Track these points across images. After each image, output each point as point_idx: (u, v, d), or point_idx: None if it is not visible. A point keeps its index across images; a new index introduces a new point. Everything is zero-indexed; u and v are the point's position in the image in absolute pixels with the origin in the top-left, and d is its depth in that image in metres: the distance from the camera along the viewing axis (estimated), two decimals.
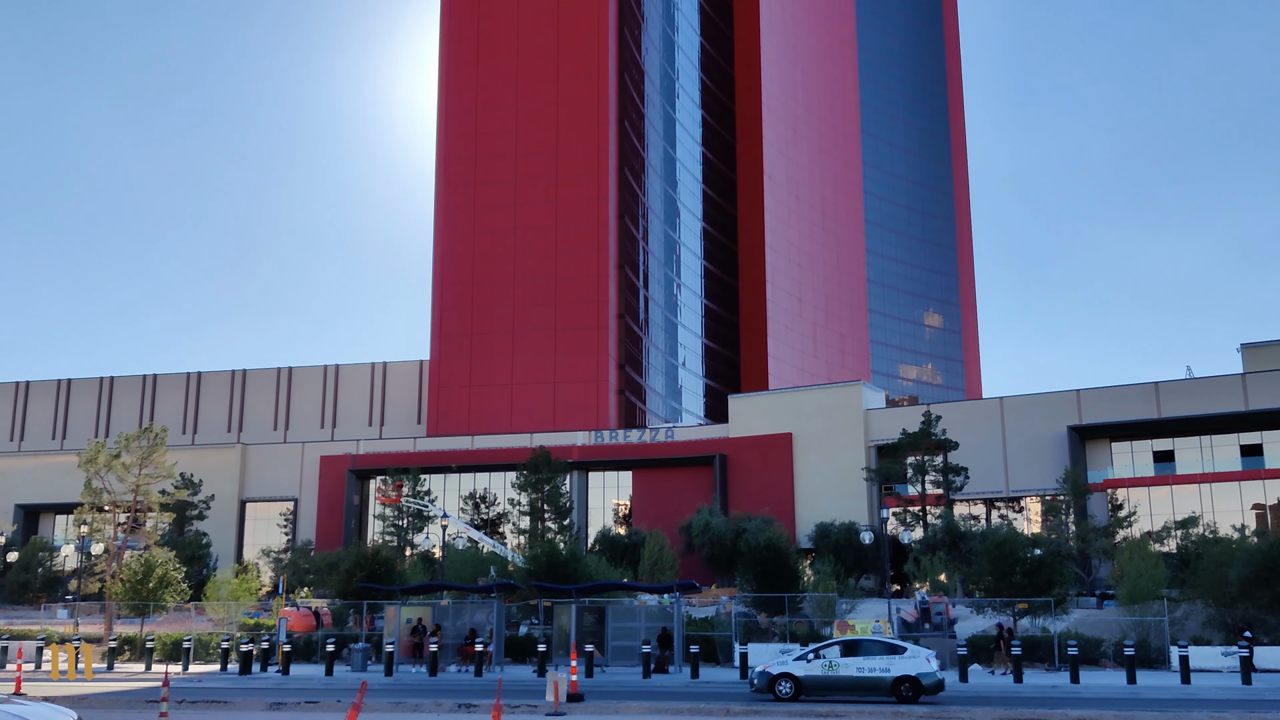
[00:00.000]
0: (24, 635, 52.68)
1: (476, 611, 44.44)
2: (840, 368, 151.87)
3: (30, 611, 75.47)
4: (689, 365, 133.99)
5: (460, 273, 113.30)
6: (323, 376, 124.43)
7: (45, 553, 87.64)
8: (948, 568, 61.49)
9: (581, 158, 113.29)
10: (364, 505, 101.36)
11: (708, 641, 42.91)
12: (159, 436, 61.19)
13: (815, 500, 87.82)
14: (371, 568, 54.38)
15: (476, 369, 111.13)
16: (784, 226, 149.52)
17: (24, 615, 72.57)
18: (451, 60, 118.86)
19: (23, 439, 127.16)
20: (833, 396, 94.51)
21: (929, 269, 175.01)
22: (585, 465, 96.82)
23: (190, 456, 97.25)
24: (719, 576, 77.84)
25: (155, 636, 46.52)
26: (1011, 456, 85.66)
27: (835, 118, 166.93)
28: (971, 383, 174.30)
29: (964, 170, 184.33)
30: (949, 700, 28.42)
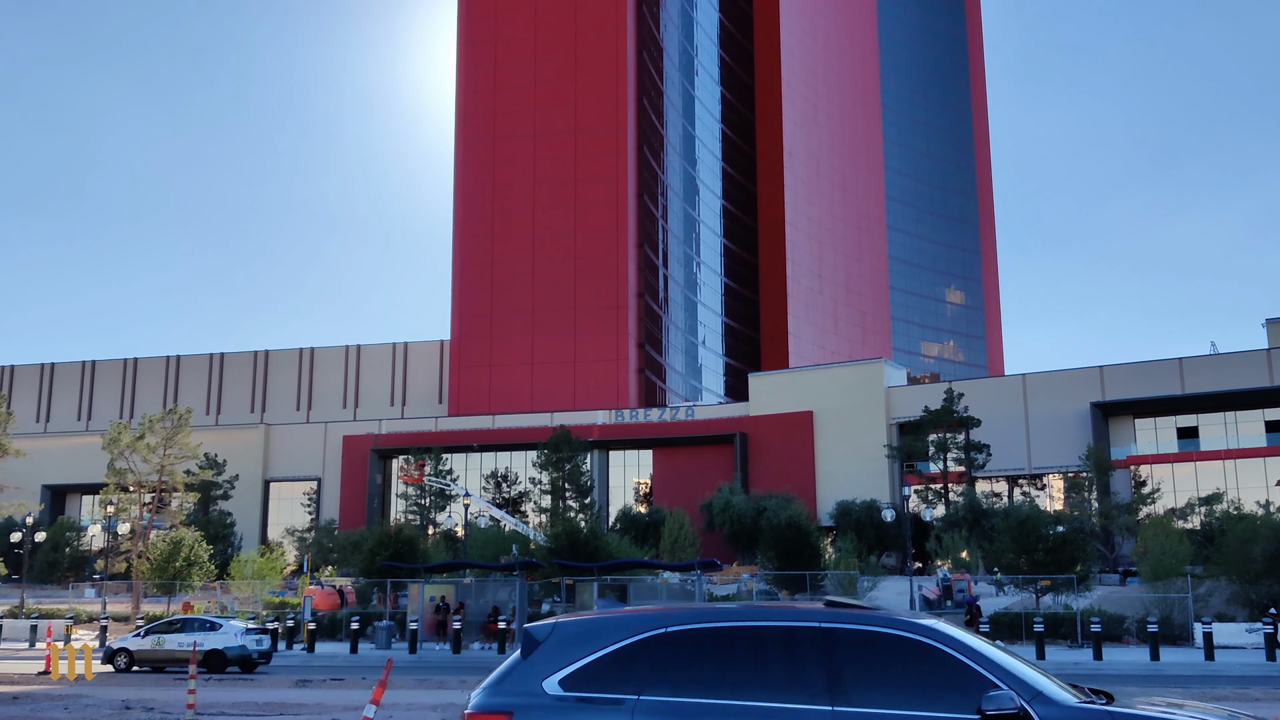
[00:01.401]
0: (53, 614, 53.40)
1: (499, 589, 44.72)
2: (861, 345, 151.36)
3: (59, 591, 76.37)
4: (709, 344, 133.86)
5: (480, 252, 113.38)
6: (344, 357, 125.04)
7: (72, 533, 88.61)
8: (970, 545, 61.48)
9: (600, 136, 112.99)
10: (386, 484, 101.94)
11: None
12: (183, 417, 61.65)
13: (836, 478, 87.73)
14: (395, 546, 54.79)
15: (497, 348, 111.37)
16: (804, 203, 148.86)
17: (53, 594, 73.45)
18: (470, 41, 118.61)
19: (49, 420, 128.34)
20: (854, 374, 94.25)
21: (950, 245, 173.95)
22: (606, 444, 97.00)
23: (214, 437, 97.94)
24: (740, 554, 77.98)
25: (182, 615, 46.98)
26: (1034, 433, 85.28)
27: (855, 93, 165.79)
28: (994, 359, 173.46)
29: (985, 145, 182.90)
30: None
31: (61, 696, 23.55)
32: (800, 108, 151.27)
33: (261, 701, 22.47)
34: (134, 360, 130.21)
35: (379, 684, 10.93)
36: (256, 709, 20.99)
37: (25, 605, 58.04)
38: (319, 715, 19.62)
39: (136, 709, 20.87)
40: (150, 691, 25.17)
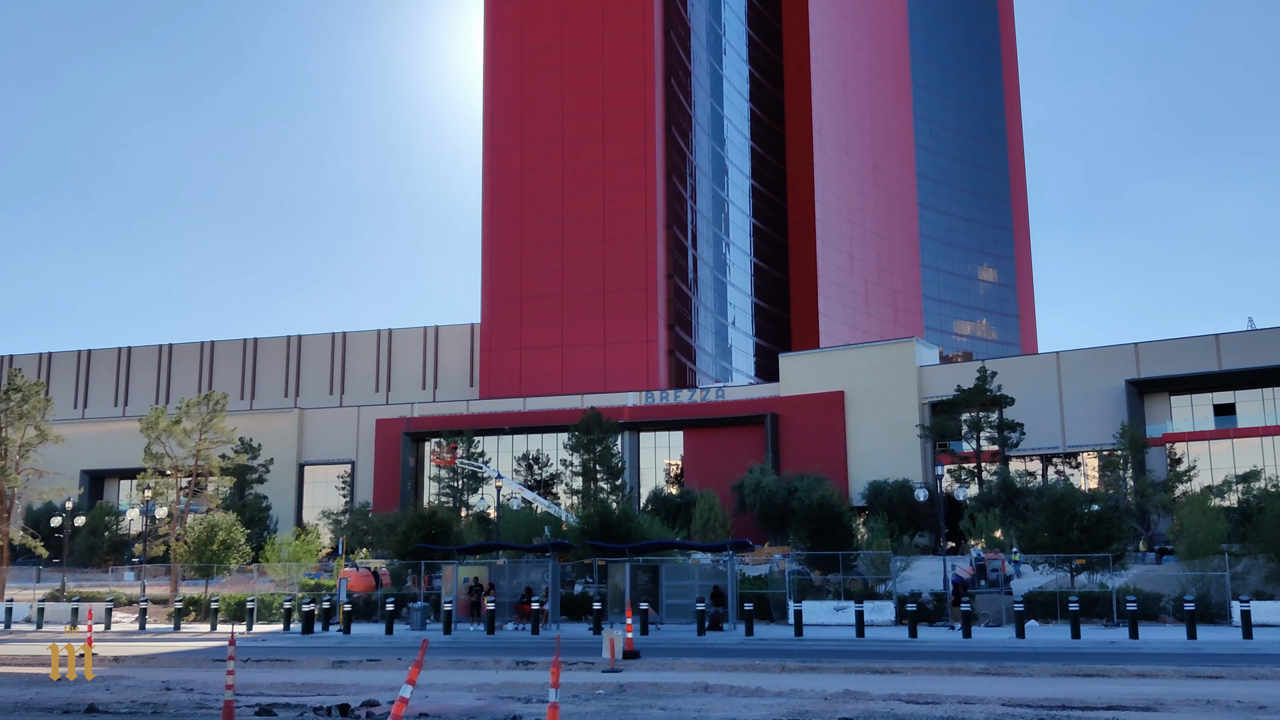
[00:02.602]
0: (93, 597, 54.15)
1: (531, 570, 44.91)
2: (893, 324, 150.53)
3: (98, 574, 77.42)
4: (739, 324, 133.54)
5: (509, 236, 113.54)
6: (376, 341, 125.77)
7: (111, 517, 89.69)
8: (1004, 524, 61.11)
9: (628, 117, 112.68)
10: (419, 467, 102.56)
11: (761, 599, 43.04)
12: (219, 402, 62.17)
13: (868, 458, 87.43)
14: (429, 528, 55.12)
15: (527, 331, 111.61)
16: (834, 182, 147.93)
17: (93, 578, 74.49)
18: (497, 24, 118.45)
19: (86, 406, 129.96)
20: (885, 353, 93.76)
21: (983, 222, 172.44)
22: (636, 426, 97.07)
23: (249, 421, 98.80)
24: (771, 535, 77.95)
25: (219, 597, 47.55)
26: (1068, 412, 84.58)
27: (885, 70, 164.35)
28: (1027, 338, 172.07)
29: (1017, 121, 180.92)
30: (1005, 655, 28.31)
31: (103, 678, 23.90)
32: (829, 85, 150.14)
33: (299, 682, 22.72)
34: (169, 346, 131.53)
35: (415, 664, 11.02)
36: (294, 689, 21.22)
37: (66, 589, 58.88)
38: (356, 695, 19.82)
39: (176, 689, 21.16)
40: (189, 673, 25.51)
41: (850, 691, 19.74)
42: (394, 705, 10.78)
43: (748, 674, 24.00)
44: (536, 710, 17.57)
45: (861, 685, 21.11)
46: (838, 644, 33.49)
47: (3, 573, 60.94)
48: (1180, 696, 19.10)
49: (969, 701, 18.35)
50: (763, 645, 33.38)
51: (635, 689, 20.65)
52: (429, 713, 17.30)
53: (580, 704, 18.38)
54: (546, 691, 20.03)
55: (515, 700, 19.09)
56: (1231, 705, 18.02)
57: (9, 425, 62.41)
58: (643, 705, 18.23)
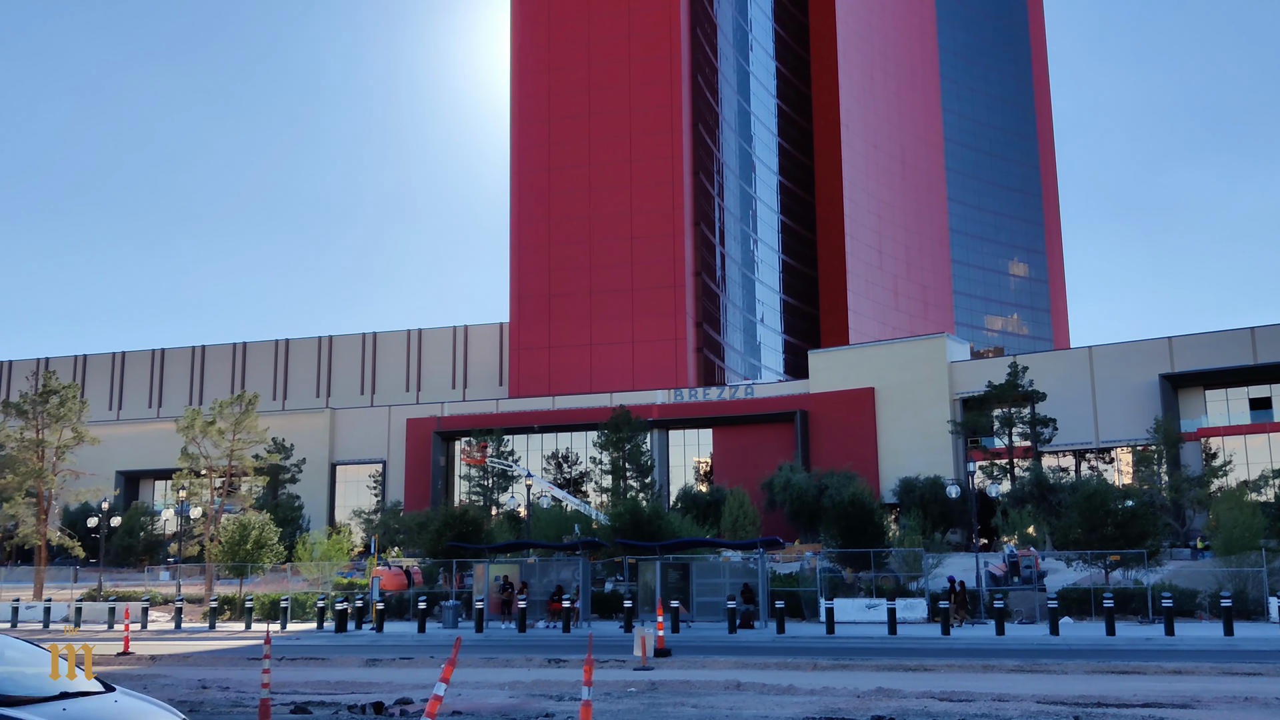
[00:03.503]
0: (130, 597, 54.75)
1: (562, 569, 45.04)
2: (923, 320, 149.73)
3: (134, 574, 78.34)
4: (767, 321, 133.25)
5: (537, 235, 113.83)
6: (406, 341, 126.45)
7: (146, 517, 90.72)
8: (1036, 521, 60.74)
9: (654, 115, 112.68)
10: (450, 466, 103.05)
11: (793, 597, 42.97)
12: (251, 403, 62.72)
13: (899, 455, 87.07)
14: (460, 527, 55.38)
15: (555, 330, 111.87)
16: (862, 177, 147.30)
17: (129, 577, 75.37)
18: (523, 22, 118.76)
19: (121, 407, 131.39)
20: (916, 349, 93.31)
21: (1013, 216, 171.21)
22: (665, 424, 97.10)
23: (281, 421, 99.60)
24: (802, 533, 77.79)
25: (254, 596, 47.96)
26: (1101, 407, 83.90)
27: (914, 64, 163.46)
28: (1059, 332, 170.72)
29: (1048, 114, 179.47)
30: (1039, 652, 28.13)
31: (140, 676, 24.17)
32: (857, 80, 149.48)
33: (333, 680, 22.89)
34: (202, 348, 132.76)
35: (448, 662, 11.07)
36: (329, 688, 21.38)
37: (103, 588, 59.58)
38: (390, 694, 19.94)
39: (213, 688, 21.37)
40: (225, 671, 25.76)
41: (883, 689, 19.68)
42: (428, 703, 10.85)
43: (779, 672, 23.96)
44: (569, 708, 17.63)
45: (894, 683, 21.04)
46: (870, 642, 33.38)
47: (41, 573, 61.80)
48: (1217, 694, 18.92)
49: (1003, 699, 18.25)
50: (794, 643, 33.33)
51: (667, 687, 20.67)
52: (462, 710, 17.39)
53: (612, 702, 18.42)
54: (578, 689, 20.09)
55: (547, 698, 19.15)
56: (1270, 702, 17.83)
57: (46, 427, 63.27)
58: (675, 703, 18.25)
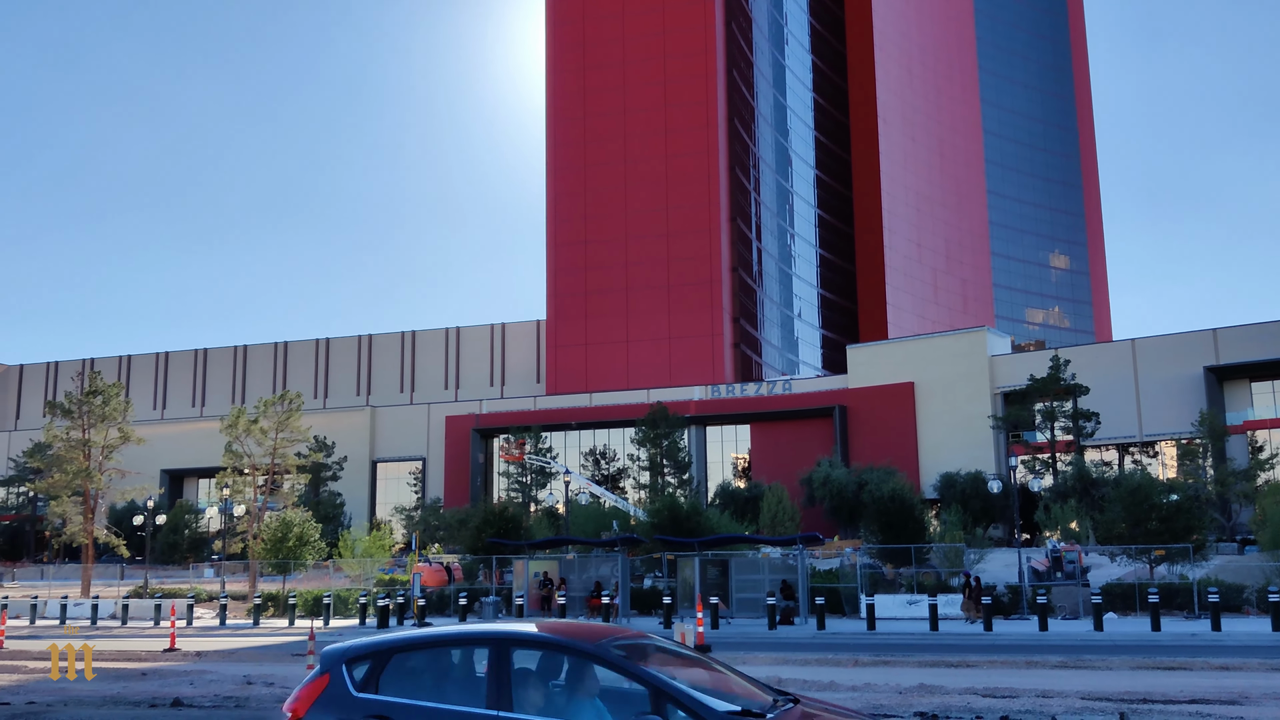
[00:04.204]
0: (175, 594, 55.45)
1: (601, 565, 45.14)
2: (963, 314, 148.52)
3: (179, 571, 79.34)
4: (805, 316, 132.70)
5: (573, 232, 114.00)
6: (445, 339, 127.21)
7: (191, 515, 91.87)
8: (1079, 515, 60.12)
9: (690, 110, 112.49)
10: (488, 463, 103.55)
11: (833, 593, 42.81)
12: (294, 401, 63.31)
13: (939, 450, 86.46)
14: (500, 524, 55.67)
15: (592, 327, 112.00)
16: (900, 170, 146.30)
17: (174, 575, 76.34)
18: (557, 21, 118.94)
19: (165, 407, 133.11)
20: (956, 343, 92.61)
21: (1054, 208, 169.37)
22: (702, 420, 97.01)
23: (322, 420, 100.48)
24: (842, 528, 77.46)
25: (297, 593, 48.44)
26: (1145, 400, 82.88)
27: (951, 55, 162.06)
28: (1101, 325, 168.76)
29: (1088, 104, 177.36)
30: (1083, 648, 27.85)
31: (186, 672, 24.50)
32: (894, 73, 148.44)
33: None
34: (244, 347, 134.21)
35: None
36: None
37: (149, 585, 60.40)
38: None
39: (258, 684, 21.61)
40: (270, 667, 26.04)
41: (925, 685, 19.57)
42: None
43: (820, 668, 23.89)
44: None
45: (936, 679, 20.91)
46: (911, 637, 33.20)
47: (88, 570, 62.76)
48: (1266, 690, 18.65)
49: (1047, 695, 18.09)
50: (835, 639, 33.21)
51: None
52: None
53: None
54: None
55: None
56: None
57: (92, 427, 64.24)
58: None
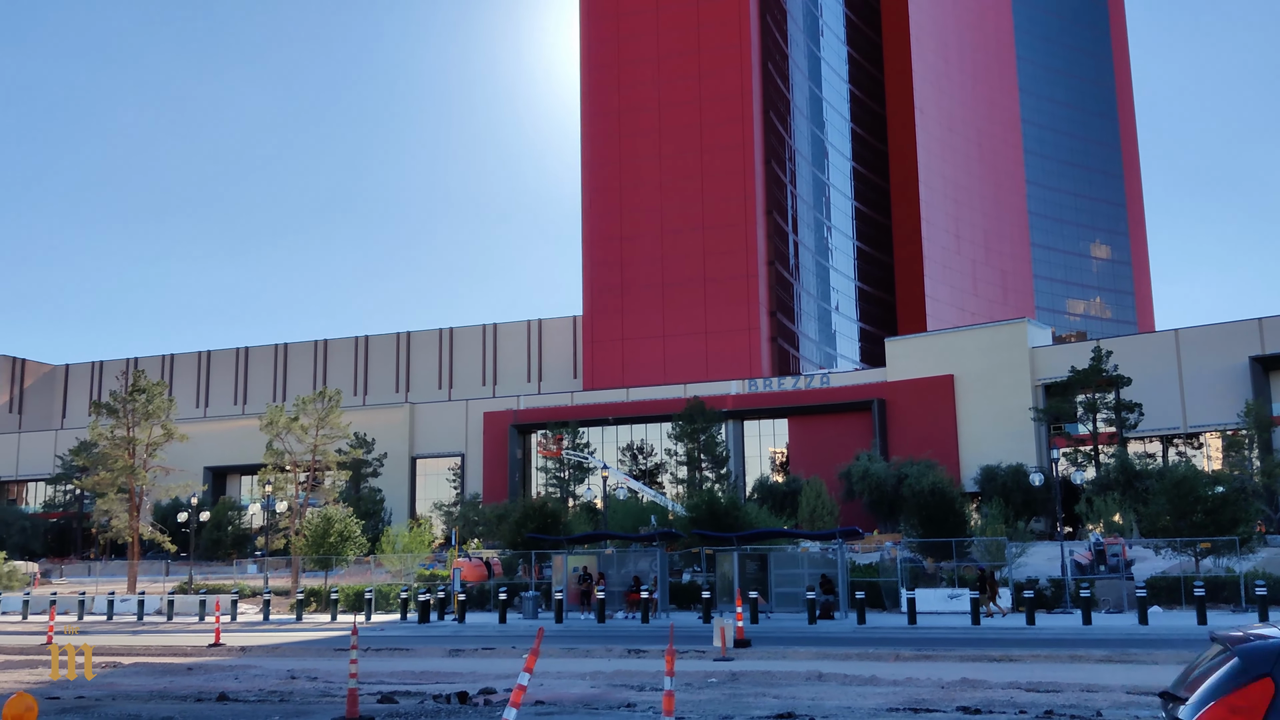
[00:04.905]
0: (219, 589, 56.09)
1: (639, 559, 45.16)
2: (1002, 305, 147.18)
3: (223, 567, 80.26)
4: (842, 309, 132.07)
5: (608, 228, 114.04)
6: (482, 335, 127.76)
7: (233, 511, 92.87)
8: (1123, 508, 59.48)
9: (725, 104, 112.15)
10: (526, 458, 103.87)
11: (873, 588, 42.60)
12: (334, 399, 63.86)
13: (980, 443, 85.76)
14: (538, 519, 55.86)
15: (628, 322, 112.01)
16: (937, 161, 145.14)
17: (218, 571, 77.25)
18: (592, 17, 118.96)
19: (207, 405, 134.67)
20: (995, 335, 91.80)
21: (1094, 198, 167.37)
22: (740, 414, 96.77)
23: (362, 416, 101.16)
24: (881, 522, 77.05)
25: (338, 588, 48.85)
26: (1189, 391, 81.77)
27: (989, 45, 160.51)
28: (1143, 315, 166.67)
29: (1128, 92, 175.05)
30: (1128, 642, 27.54)
31: (231, 667, 24.79)
32: (930, 63, 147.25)
33: (418, 671, 23.23)
34: (284, 345, 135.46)
35: (531, 653, 11.17)
36: (413, 678, 21.71)
37: (193, 581, 61.17)
38: (473, 683, 20.19)
39: (301, 678, 21.83)
40: (313, 662, 26.28)
41: (968, 680, 19.42)
42: (512, 693, 10.95)
43: (861, 662, 23.78)
44: (650, 698, 17.67)
45: (979, 673, 20.75)
46: (952, 632, 32.98)
47: (134, 567, 63.64)
48: None
49: (1091, 689, 17.91)
50: (875, 634, 33.06)
51: (748, 677, 20.62)
52: (545, 700, 17.54)
53: (693, 692, 18.43)
54: (659, 679, 20.13)
55: (629, 688, 19.22)
56: None
57: (136, 425, 65.10)
58: (756, 693, 18.20)
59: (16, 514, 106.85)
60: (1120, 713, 15.32)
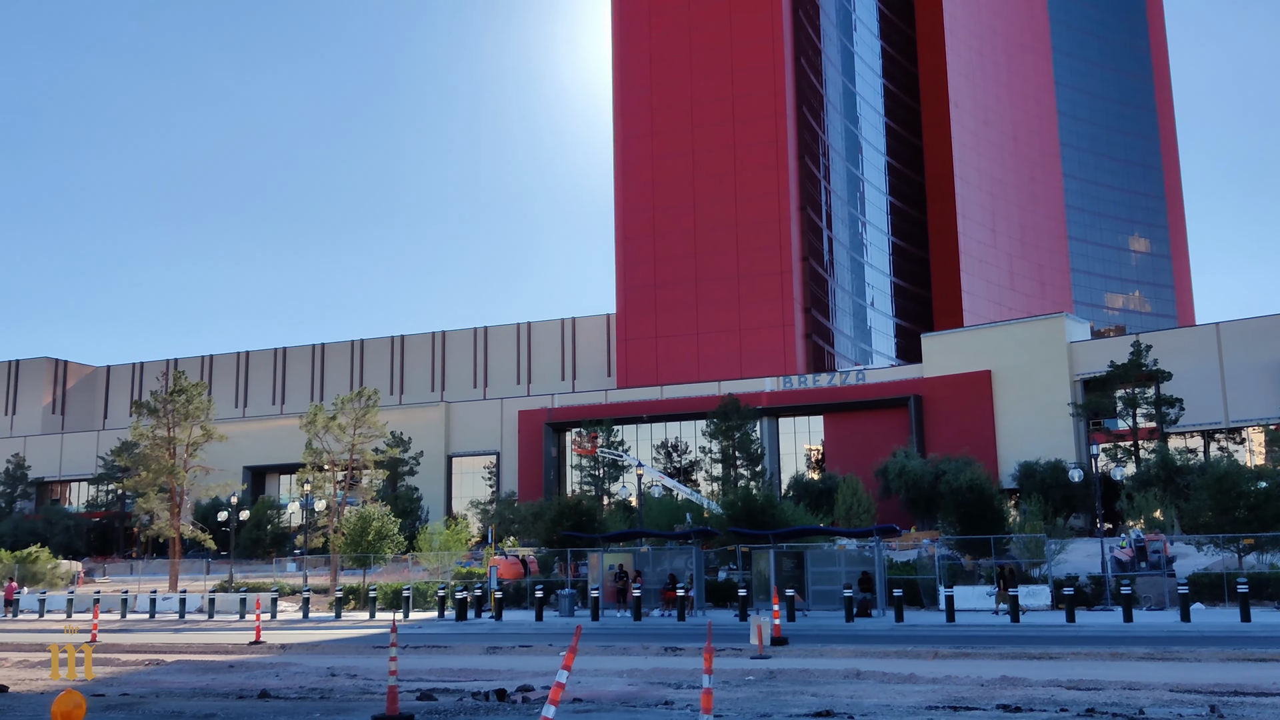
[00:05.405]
0: (259, 588, 56.61)
1: (675, 557, 45.11)
2: (1040, 300, 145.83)
3: (263, 565, 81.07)
4: (878, 305, 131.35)
5: (641, 225, 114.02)
6: (516, 334, 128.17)
7: (272, 510, 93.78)
8: (1164, 504, 58.79)
9: (758, 100, 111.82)
10: (561, 456, 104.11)
11: (910, 585, 42.32)
12: (371, 398, 64.22)
13: (1018, 439, 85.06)
14: (574, 517, 55.97)
15: (662, 320, 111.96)
16: (973, 155, 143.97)
17: (257, 569, 78.04)
18: (624, 14, 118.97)
19: (246, 405, 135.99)
20: (1033, 330, 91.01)
21: (1132, 191, 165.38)
22: (774, 411, 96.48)
23: (398, 416, 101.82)
24: (918, 520, 76.58)
25: (377, 586, 49.17)
26: (1230, 385, 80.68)
27: (1024, 38, 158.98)
28: (1183, 309, 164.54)
29: (1166, 83, 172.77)
30: (1170, 639, 27.23)
31: (272, 665, 25.03)
32: (965, 57, 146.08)
33: (456, 668, 23.35)
34: (321, 346, 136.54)
35: (570, 650, 11.21)
36: (452, 675, 21.83)
37: (234, 580, 61.78)
38: (511, 681, 20.27)
39: (341, 676, 22.00)
40: (352, 659, 26.49)
41: (1007, 678, 19.28)
42: (551, 690, 10.99)
43: (899, 660, 23.66)
44: (687, 696, 17.66)
45: (1019, 671, 20.58)
46: (991, 630, 32.74)
47: (176, 565, 64.40)
48: None
49: (1133, 687, 17.72)
50: (913, 631, 32.86)
51: (785, 675, 20.58)
52: (583, 698, 17.58)
53: (731, 690, 18.41)
54: (696, 677, 20.13)
55: (666, 686, 19.22)
56: None
57: (176, 425, 65.84)
58: (794, 691, 18.15)
59: (60, 513, 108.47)
60: (1164, 711, 15.15)
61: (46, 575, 66.26)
